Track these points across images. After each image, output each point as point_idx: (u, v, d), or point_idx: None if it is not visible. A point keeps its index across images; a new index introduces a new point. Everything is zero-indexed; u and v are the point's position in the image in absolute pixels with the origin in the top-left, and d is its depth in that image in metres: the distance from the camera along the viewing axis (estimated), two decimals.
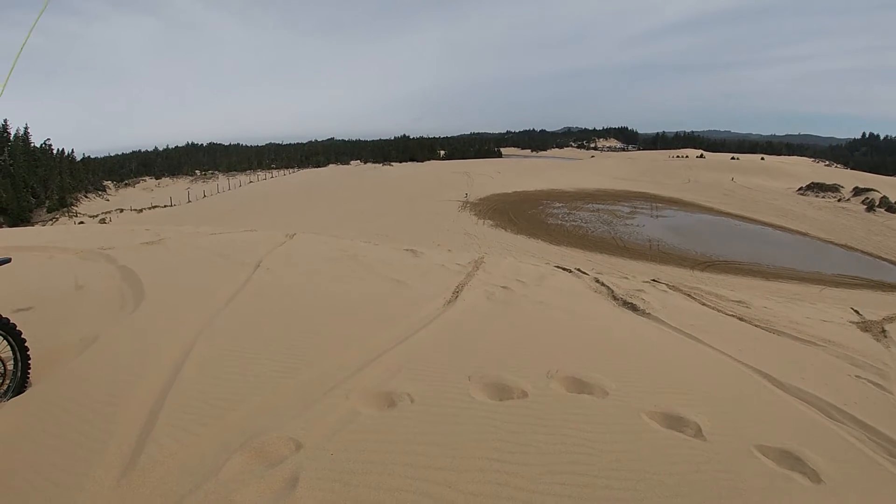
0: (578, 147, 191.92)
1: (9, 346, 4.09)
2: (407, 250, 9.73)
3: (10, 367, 4.07)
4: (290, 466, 2.93)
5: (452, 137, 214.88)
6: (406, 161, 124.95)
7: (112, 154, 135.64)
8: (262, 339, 4.86)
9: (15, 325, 4.12)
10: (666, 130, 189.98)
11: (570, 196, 51.08)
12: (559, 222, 37.99)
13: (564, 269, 9.25)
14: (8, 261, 4.43)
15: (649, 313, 6.71)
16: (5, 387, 4.02)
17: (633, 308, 6.90)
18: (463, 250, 14.77)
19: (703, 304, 7.90)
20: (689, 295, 8.52)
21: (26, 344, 4.18)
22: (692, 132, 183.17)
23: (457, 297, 6.53)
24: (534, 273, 8.19)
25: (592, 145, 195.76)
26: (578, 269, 9.05)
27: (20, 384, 4.11)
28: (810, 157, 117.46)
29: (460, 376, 4.07)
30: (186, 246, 10.33)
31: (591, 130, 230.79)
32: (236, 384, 3.95)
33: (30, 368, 4.20)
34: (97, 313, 6.12)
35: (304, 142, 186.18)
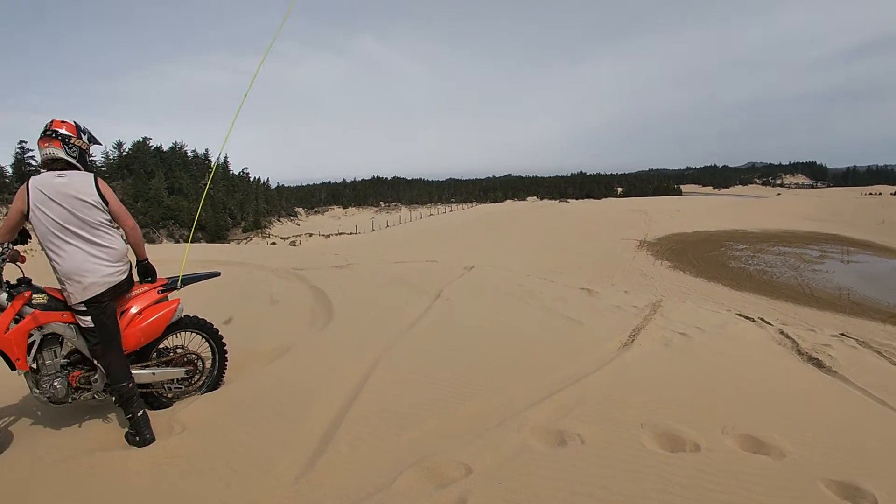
0: (763, 184, 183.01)
1: (209, 347, 4.75)
2: (582, 289, 9.65)
3: (208, 365, 4.72)
4: (458, 489, 3.04)
5: (630, 174, 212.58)
6: (583, 198, 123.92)
7: (304, 184, 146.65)
8: (439, 366, 5.09)
9: (217, 330, 4.80)
10: (857, 164, 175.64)
11: (754, 237, 48.13)
12: (742, 266, 35.94)
13: (747, 317, 8.80)
14: (217, 274, 5.04)
15: (835, 371, 6.25)
16: (201, 382, 4.68)
17: (819, 364, 6.45)
18: (639, 292, 14.40)
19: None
20: (879, 353, 7.82)
21: (225, 347, 4.79)
22: (885, 166, 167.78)
23: (633, 340, 6.41)
24: (714, 320, 7.86)
25: (778, 181, 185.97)
26: (762, 319, 8.58)
27: (215, 381, 4.74)
28: None
29: (633, 422, 4.01)
30: (372, 272, 10.90)
31: (776, 165, 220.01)
32: (413, 406, 4.19)
33: (225, 369, 4.83)
34: (289, 327, 6.67)
35: (483, 178, 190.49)
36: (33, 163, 78.06)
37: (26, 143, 79.80)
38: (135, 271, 4.25)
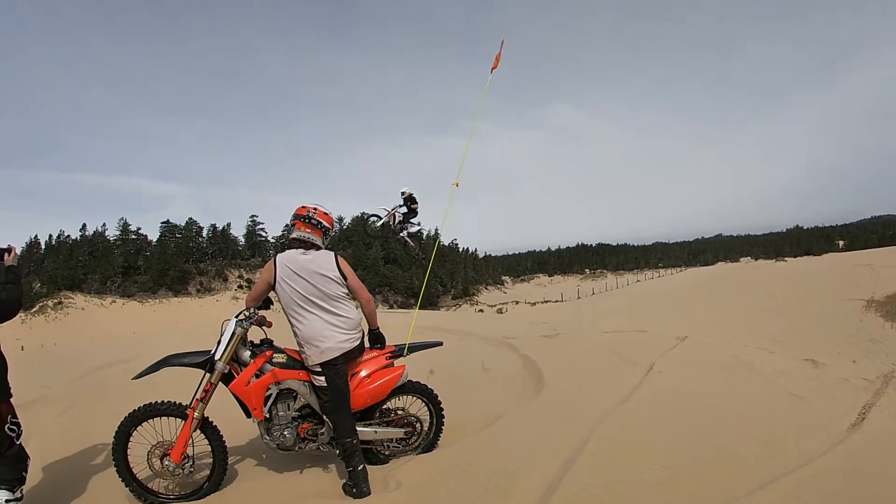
0: None
1: (428, 411, 5.00)
2: (806, 360, 8.95)
3: (425, 427, 4.96)
4: None
5: (851, 224, 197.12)
6: (800, 255, 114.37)
7: (510, 253, 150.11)
8: (654, 445, 4.86)
9: (437, 396, 5.03)
10: None
11: None
12: None
13: None
14: (440, 344, 5.40)
15: None
16: (417, 443, 4.93)
17: None
18: (869, 360, 12.93)
19: None
20: None
21: (443, 413, 5.02)
22: None
23: (863, 419, 5.83)
24: None
25: None
26: None
27: (431, 444, 4.96)
28: None
29: None
30: (581, 342, 10.82)
31: None
32: (627, 485, 4.04)
33: (441, 433, 5.03)
34: (501, 394, 6.82)
35: (691, 239, 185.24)
36: (263, 234, 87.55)
37: (257, 216, 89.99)
38: (367, 339, 4.71)
